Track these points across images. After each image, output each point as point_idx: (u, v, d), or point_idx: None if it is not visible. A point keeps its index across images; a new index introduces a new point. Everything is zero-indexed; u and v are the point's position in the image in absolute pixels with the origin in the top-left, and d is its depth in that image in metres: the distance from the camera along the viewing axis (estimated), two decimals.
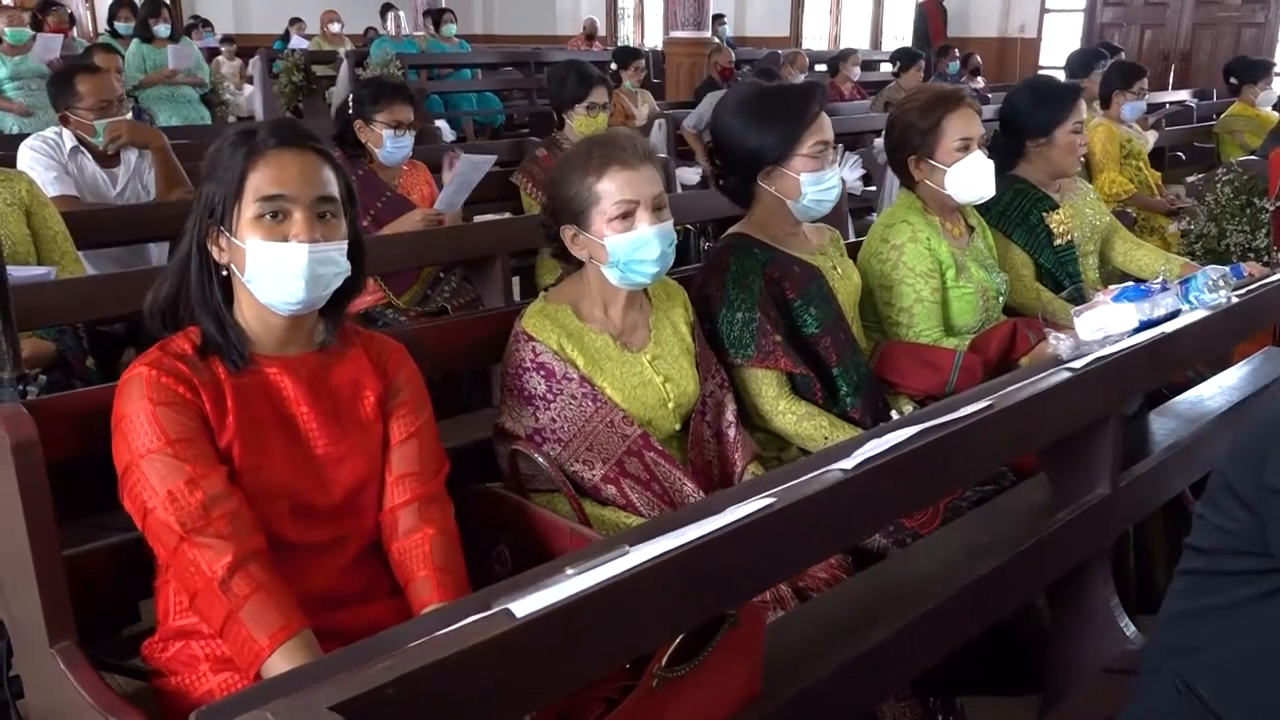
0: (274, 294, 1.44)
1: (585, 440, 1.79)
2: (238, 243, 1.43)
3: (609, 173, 1.77)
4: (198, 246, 1.46)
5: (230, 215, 1.43)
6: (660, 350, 1.91)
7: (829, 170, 2.10)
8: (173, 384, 1.40)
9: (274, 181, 1.42)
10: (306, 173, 1.44)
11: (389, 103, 3.25)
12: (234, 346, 1.45)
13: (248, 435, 1.43)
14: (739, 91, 2.18)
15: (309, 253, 1.42)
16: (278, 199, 1.42)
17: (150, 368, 1.40)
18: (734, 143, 2.12)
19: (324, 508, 1.48)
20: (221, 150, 1.45)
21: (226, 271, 1.46)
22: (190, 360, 1.43)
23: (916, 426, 1.44)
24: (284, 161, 1.43)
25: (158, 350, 1.45)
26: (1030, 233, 2.81)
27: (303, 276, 1.42)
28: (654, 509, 1.78)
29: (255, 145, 1.43)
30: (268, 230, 1.42)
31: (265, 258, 1.42)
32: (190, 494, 1.35)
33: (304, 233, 1.42)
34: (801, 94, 2.10)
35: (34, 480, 1.34)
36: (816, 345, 2.13)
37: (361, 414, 1.54)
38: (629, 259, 1.78)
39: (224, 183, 1.43)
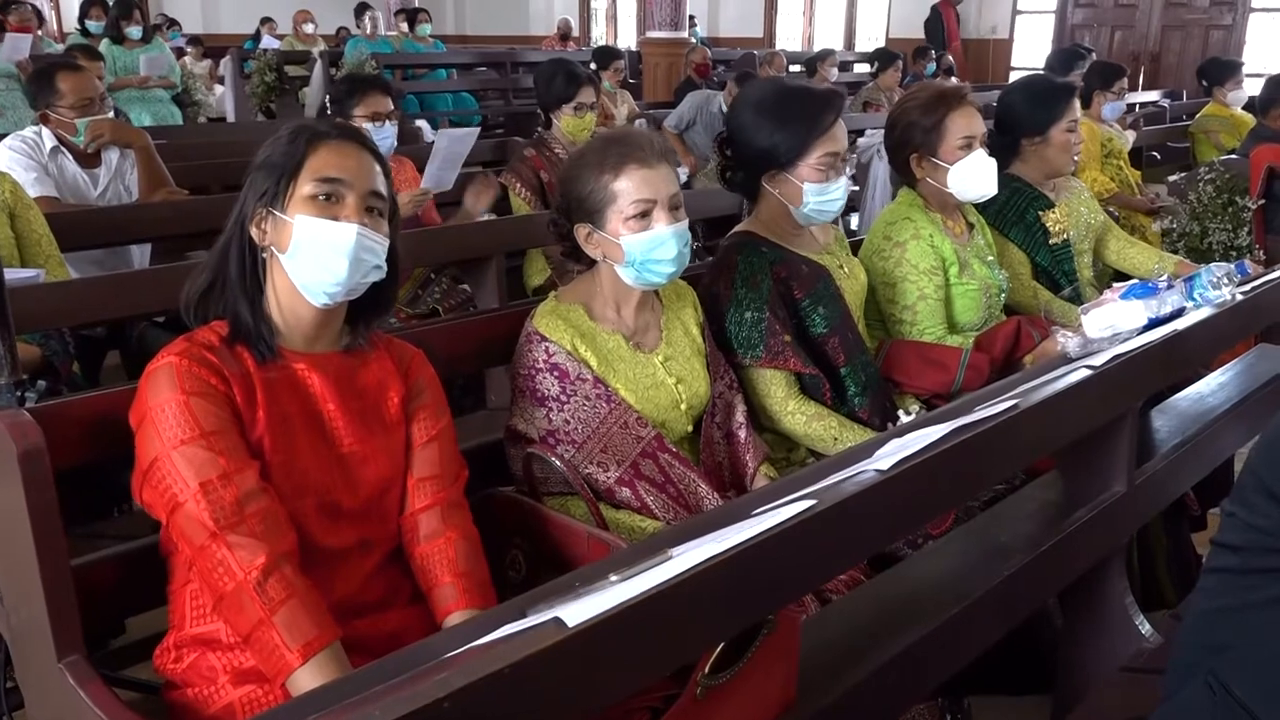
0: (315, 273, 1.42)
1: (600, 442, 1.76)
2: (285, 218, 1.42)
3: (626, 171, 1.75)
4: (239, 229, 1.45)
5: (283, 194, 1.42)
6: (672, 351, 1.89)
7: (834, 182, 2.08)
8: (205, 374, 1.36)
9: (333, 165, 1.43)
10: (362, 167, 1.46)
11: (364, 95, 3.22)
12: (263, 336, 1.43)
13: (278, 430, 1.40)
14: (761, 86, 2.16)
15: (358, 232, 1.42)
16: (335, 182, 1.42)
17: (181, 357, 1.36)
18: (746, 138, 2.10)
19: (350, 509, 1.45)
20: (280, 139, 1.45)
21: (266, 254, 1.44)
22: (219, 351, 1.40)
23: (940, 427, 1.43)
24: (345, 151, 1.45)
25: (185, 341, 1.41)
26: (1027, 231, 2.82)
27: (348, 255, 1.41)
28: (669, 512, 1.76)
29: (319, 133, 1.45)
30: (320, 208, 1.42)
31: (314, 233, 1.41)
32: (224, 488, 1.31)
33: (354, 215, 1.43)
34: (821, 100, 2.07)
35: (41, 490, 1.29)
36: (824, 345, 2.11)
37: (386, 415, 1.52)
38: (645, 259, 1.76)
39: (279, 166, 1.42)
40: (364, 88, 3.23)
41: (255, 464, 1.36)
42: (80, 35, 7.32)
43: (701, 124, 6.51)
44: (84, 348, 2.84)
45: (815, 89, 2.15)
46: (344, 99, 3.22)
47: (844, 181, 2.11)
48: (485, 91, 9.58)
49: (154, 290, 2.32)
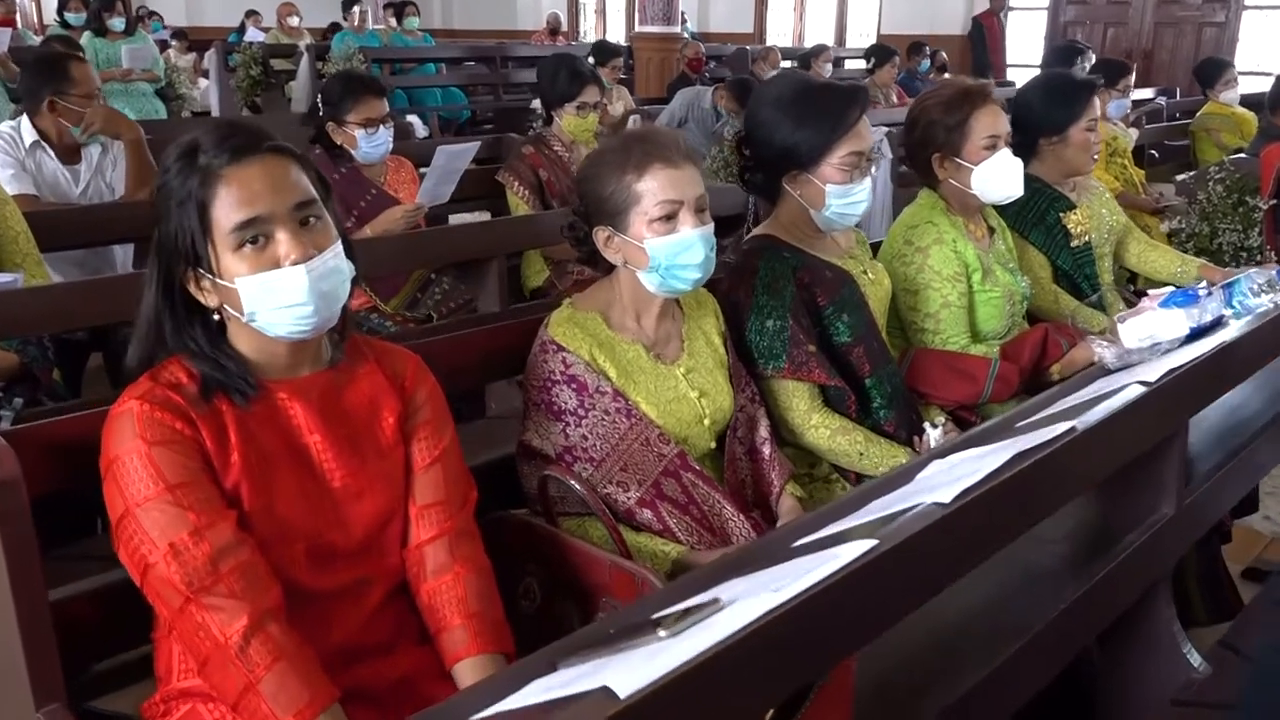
0: (284, 326, 1.27)
1: (619, 460, 1.65)
2: (225, 284, 1.25)
3: (650, 171, 1.64)
4: (164, 293, 1.27)
5: (205, 255, 1.24)
6: (694, 363, 1.78)
7: (858, 184, 1.98)
8: (168, 419, 1.23)
9: (241, 204, 1.22)
10: (274, 181, 1.24)
11: (357, 100, 3.09)
12: (238, 379, 1.29)
13: (256, 472, 1.27)
14: (779, 82, 2.05)
15: (308, 273, 1.25)
16: (252, 224, 1.23)
17: (141, 401, 1.23)
18: (764, 136, 1.99)
19: (344, 548, 1.33)
20: (168, 184, 1.25)
21: (220, 313, 1.29)
22: (185, 390, 1.26)
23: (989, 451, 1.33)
24: (244, 177, 1.23)
25: (148, 380, 1.27)
26: (1047, 234, 2.72)
27: (309, 301, 1.26)
28: (692, 535, 1.65)
29: (206, 168, 1.23)
30: (253, 260, 1.24)
31: (264, 292, 1.24)
32: (195, 546, 1.18)
33: (295, 250, 1.24)
34: (844, 97, 1.97)
35: (17, 523, 1.18)
36: (848, 355, 2.00)
37: (381, 439, 1.39)
38: (670, 263, 1.65)
39: (183, 222, 1.23)
40: (358, 91, 3.09)
41: (231, 514, 1.23)
42: (60, 27, 7.17)
43: (694, 121, 6.40)
44: (65, 352, 2.71)
45: (838, 84, 2.04)
46: (337, 102, 3.09)
47: (868, 184, 2.00)
48: (475, 87, 9.44)
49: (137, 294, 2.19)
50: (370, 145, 3.08)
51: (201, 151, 1.24)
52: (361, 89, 3.09)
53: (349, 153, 3.12)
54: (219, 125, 1.27)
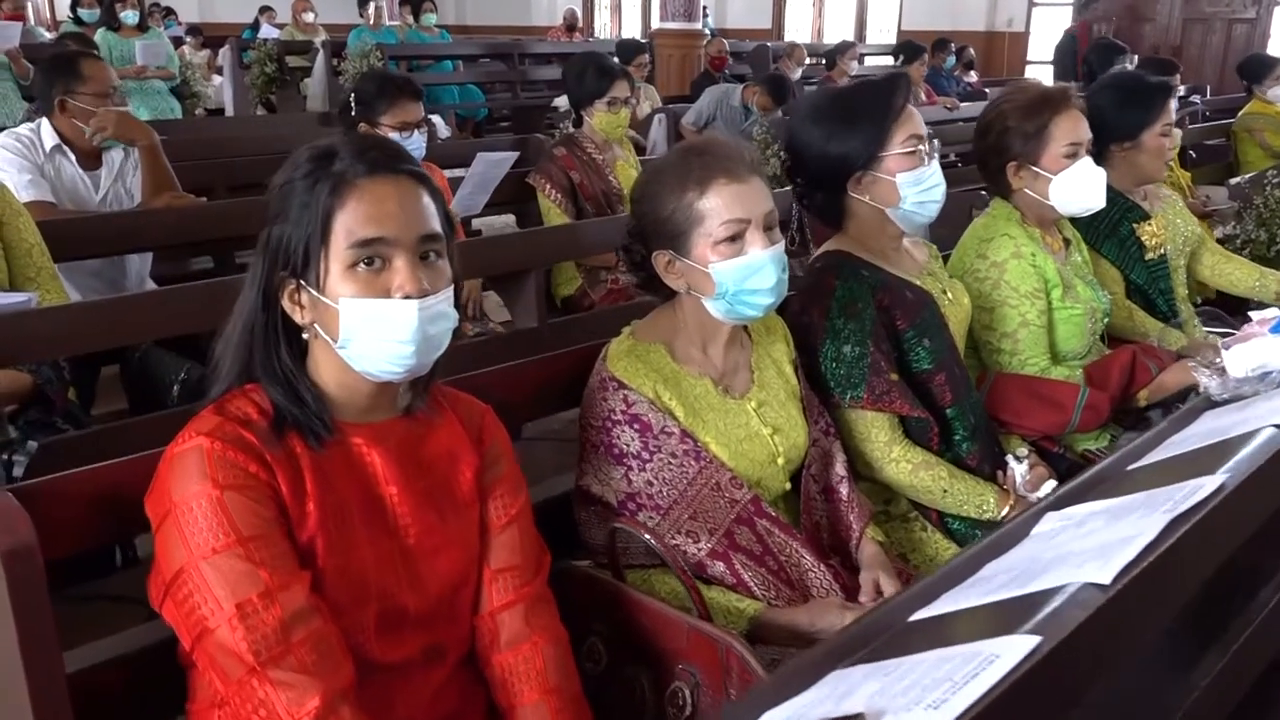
0: (376, 362, 1.15)
1: (688, 507, 1.50)
2: (327, 302, 1.13)
3: (713, 187, 1.49)
4: (264, 304, 1.16)
5: (314, 267, 1.13)
6: (766, 395, 1.63)
7: (929, 167, 1.83)
8: (243, 460, 1.09)
9: (369, 221, 1.12)
10: (407, 206, 1.15)
11: (393, 102, 2.93)
12: (315, 418, 1.15)
13: (332, 526, 1.13)
14: (811, 98, 1.91)
15: (419, 310, 1.13)
16: (375, 243, 1.12)
17: (212, 439, 1.09)
18: (814, 154, 1.84)
19: (415, 613, 1.19)
20: (293, 183, 1.14)
21: (308, 333, 1.17)
22: (258, 427, 1.13)
23: (1123, 508, 1.18)
24: (379, 194, 1.13)
25: (215, 414, 1.13)
26: (1120, 246, 2.56)
27: (412, 341, 1.13)
28: (769, 589, 1.50)
29: (341, 175, 1.13)
30: (364, 284, 1.13)
31: (366, 321, 1.12)
32: (266, 610, 1.04)
33: (410, 284, 1.13)
34: (882, 87, 1.83)
35: (31, 595, 1.04)
36: (929, 382, 1.85)
37: (458, 494, 1.25)
38: (739, 288, 1.50)
39: (302, 225, 1.13)
40: (394, 94, 2.94)
41: (305, 575, 1.10)
42: (73, 24, 7.03)
43: (722, 119, 6.25)
44: (79, 368, 2.57)
45: (872, 79, 1.91)
46: (371, 102, 2.94)
47: (938, 167, 1.85)
48: (492, 84, 9.30)
49: (160, 314, 2.06)
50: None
51: (337, 158, 1.14)
52: (397, 91, 2.95)
53: None
54: (358, 138, 1.19)
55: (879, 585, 1.55)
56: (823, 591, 1.53)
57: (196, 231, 2.92)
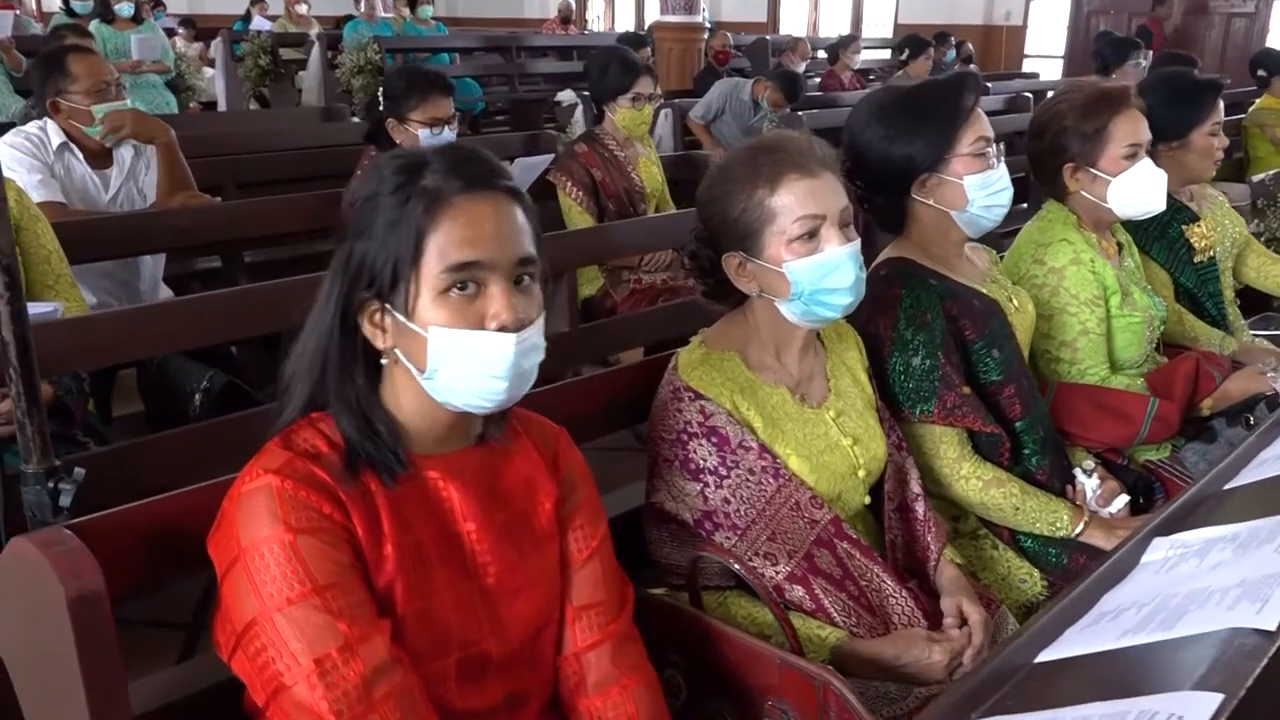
0: (463, 395, 1.07)
1: (767, 527, 1.43)
2: (415, 329, 1.04)
3: (785, 183, 1.41)
4: (342, 326, 1.07)
5: (402, 290, 1.04)
6: (843, 404, 1.55)
7: (997, 170, 1.76)
8: (316, 500, 1.01)
9: (466, 243, 1.03)
10: (504, 227, 1.06)
11: (424, 97, 2.89)
12: (389, 451, 1.07)
13: (410, 569, 1.05)
14: (873, 98, 1.82)
15: (515, 345, 1.04)
16: (471, 267, 1.04)
17: (281, 477, 1.01)
18: (877, 156, 1.76)
19: (498, 659, 1.11)
20: (379, 198, 1.06)
21: (388, 358, 1.08)
22: (328, 462, 1.04)
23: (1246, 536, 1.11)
24: (477, 214, 1.04)
25: (283, 448, 1.05)
26: (1170, 248, 2.49)
27: (506, 376, 1.05)
28: (850, 615, 1.42)
29: (436, 193, 1.04)
30: (457, 311, 1.04)
31: (457, 353, 1.04)
32: (346, 665, 0.96)
33: (506, 314, 1.04)
34: (950, 87, 1.76)
35: (99, 644, 0.96)
36: (998, 395, 1.78)
37: (538, 527, 1.17)
38: (815, 288, 1.42)
39: (390, 245, 1.04)
40: (425, 89, 2.88)
41: (385, 625, 1.02)
42: (65, 15, 6.89)
43: (731, 113, 6.17)
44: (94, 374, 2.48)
45: (939, 77, 1.84)
46: (400, 98, 2.88)
47: (1004, 169, 1.78)
48: (489, 78, 9.19)
49: (190, 323, 1.97)
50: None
51: (428, 171, 1.06)
52: (428, 86, 2.89)
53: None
54: (451, 149, 1.10)
55: (962, 612, 1.48)
56: (904, 619, 1.46)
57: (212, 233, 2.82)
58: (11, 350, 1.21)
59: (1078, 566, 1.71)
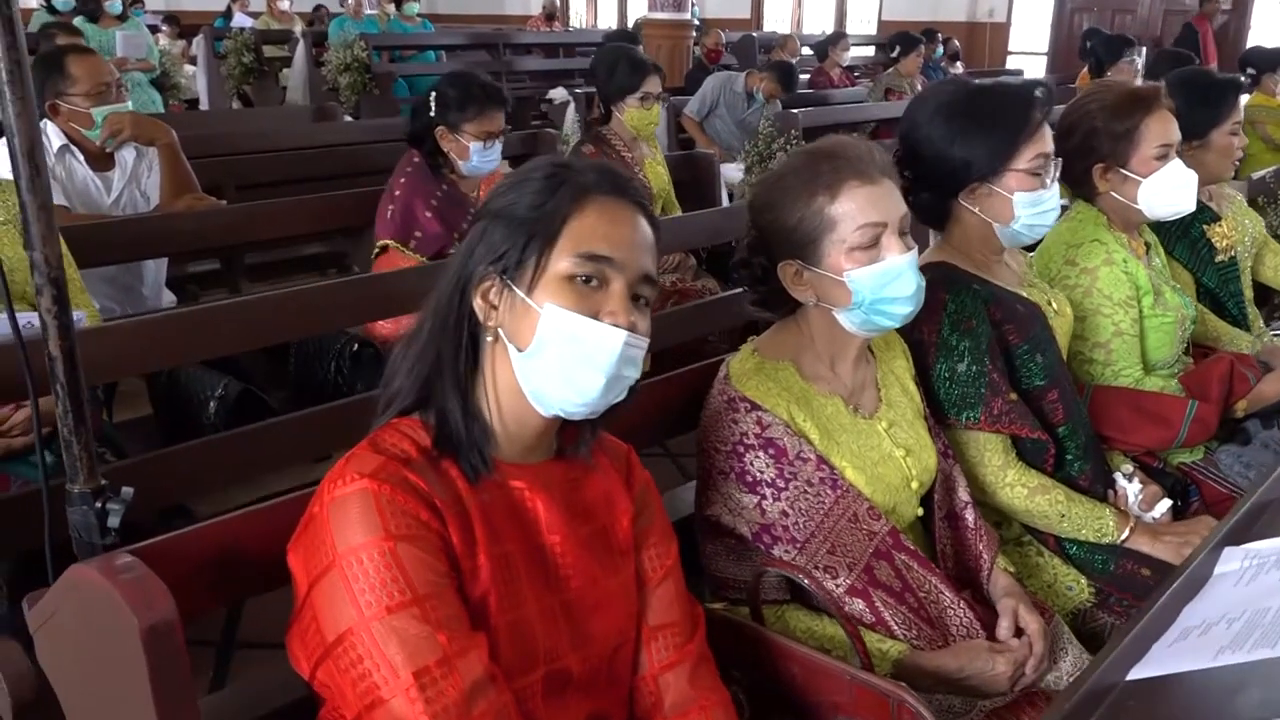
0: (556, 386, 1.05)
1: (826, 540, 1.40)
2: (530, 303, 1.04)
3: (846, 191, 1.39)
4: (459, 295, 1.07)
5: (531, 266, 1.04)
6: (895, 414, 1.53)
7: (1048, 190, 1.74)
8: (413, 506, 0.98)
9: (604, 238, 1.05)
10: (639, 237, 1.09)
11: (480, 110, 2.77)
12: (477, 445, 1.05)
13: (502, 580, 1.03)
14: (941, 91, 1.79)
15: (625, 342, 1.04)
16: (602, 261, 1.05)
17: (378, 482, 0.97)
18: (933, 154, 1.74)
19: (580, 677, 1.08)
20: (528, 182, 1.07)
21: (489, 335, 1.07)
22: (420, 467, 1.01)
23: None
24: (619, 215, 1.08)
25: (371, 450, 1.02)
26: (1192, 248, 2.49)
27: (606, 370, 1.04)
28: (910, 628, 1.40)
29: (585, 185, 1.07)
30: (577, 298, 1.04)
31: (566, 334, 1.03)
32: (445, 679, 0.93)
33: (621, 313, 1.05)
34: (1021, 97, 1.72)
35: (173, 677, 0.91)
36: (1041, 400, 1.76)
37: (615, 544, 1.15)
38: (876, 297, 1.40)
39: (529, 223, 1.05)
40: (481, 101, 2.75)
41: (482, 638, 0.98)
42: (46, 13, 6.78)
43: (725, 106, 6.15)
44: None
45: (1012, 84, 1.80)
46: (454, 106, 2.76)
47: (1056, 189, 1.76)
48: None
49: (216, 331, 1.91)
50: (483, 159, 2.79)
51: (577, 170, 1.10)
52: (484, 99, 2.77)
53: (451, 161, 2.82)
54: (593, 163, 1.13)
55: (1019, 621, 1.46)
56: (962, 630, 1.43)
57: (221, 236, 2.77)
58: (59, 365, 1.16)
59: (1125, 573, 1.70)
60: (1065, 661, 1.49)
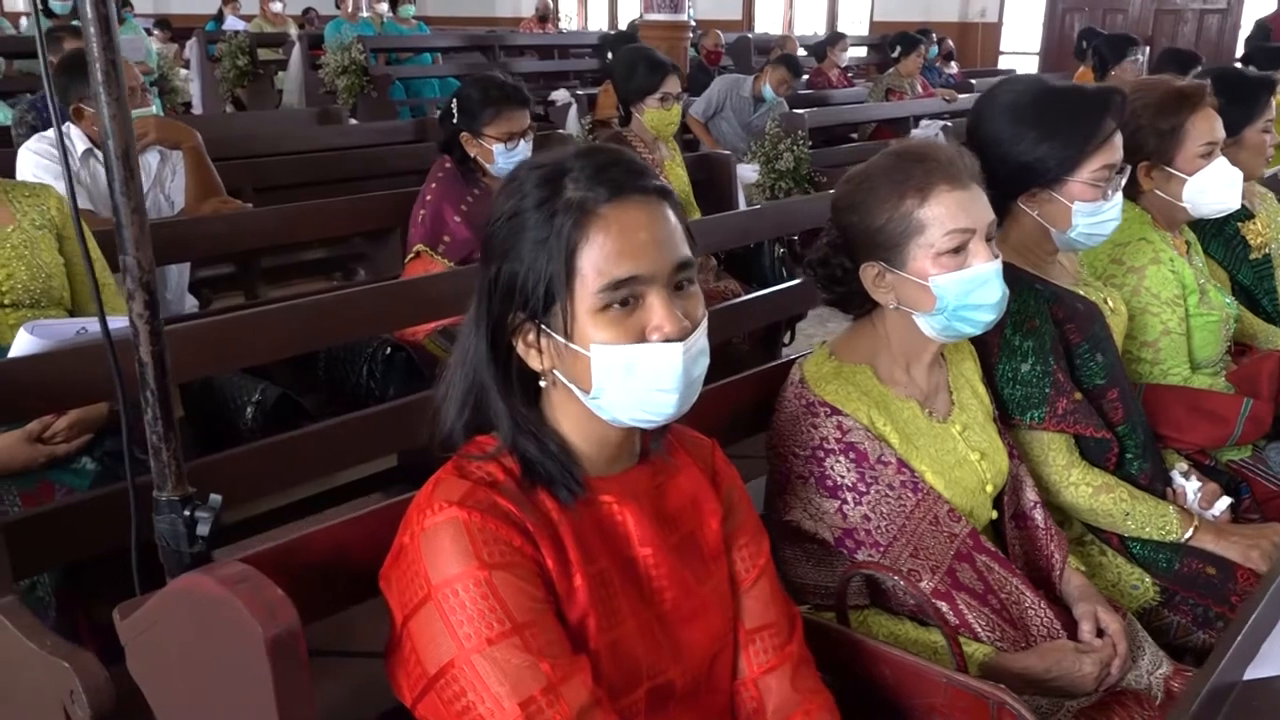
0: (631, 411, 1.01)
1: (909, 543, 1.39)
2: (576, 349, 0.98)
3: (936, 195, 1.38)
4: (494, 352, 1.02)
5: (558, 310, 0.98)
6: (967, 418, 1.52)
7: (1110, 200, 1.73)
8: (506, 533, 0.95)
9: (621, 257, 0.96)
10: (658, 233, 0.99)
11: (499, 111, 2.72)
12: (568, 472, 1.02)
13: (599, 600, 1.00)
14: (1014, 88, 1.77)
15: (682, 354, 0.98)
16: (629, 283, 0.97)
17: (468, 510, 0.95)
18: (999, 153, 1.72)
19: (681, 688, 1.06)
20: (523, 214, 0.99)
21: (547, 379, 1.03)
22: (508, 490, 0.99)
23: None
24: (628, 223, 0.97)
25: (457, 476, 0.99)
26: (1227, 246, 2.49)
27: (676, 389, 0.99)
28: (994, 630, 1.39)
29: (581, 205, 0.97)
30: (618, 327, 0.97)
31: (623, 370, 0.98)
32: (552, 708, 0.91)
33: (669, 324, 0.98)
34: (1096, 102, 1.70)
35: (298, 687, 0.90)
36: (1101, 399, 1.75)
37: (705, 548, 1.12)
38: (961, 303, 1.39)
39: (540, 265, 0.97)
40: (500, 101, 2.71)
41: (584, 662, 0.96)
42: (43, 15, 6.69)
43: (731, 109, 6.16)
44: None
45: (1086, 87, 1.79)
46: (474, 111, 2.72)
47: (1119, 200, 1.75)
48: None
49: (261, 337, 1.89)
50: (509, 160, 2.73)
51: (569, 179, 0.98)
52: (504, 99, 2.73)
53: (482, 165, 2.79)
54: (591, 151, 1.01)
55: (1098, 621, 1.46)
56: (1043, 631, 1.43)
57: (247, 240, 2.74)
58: (150, 371, 1.15)
59: (1190, 571, 1.69)
60: (1144, 659, 1.48)
